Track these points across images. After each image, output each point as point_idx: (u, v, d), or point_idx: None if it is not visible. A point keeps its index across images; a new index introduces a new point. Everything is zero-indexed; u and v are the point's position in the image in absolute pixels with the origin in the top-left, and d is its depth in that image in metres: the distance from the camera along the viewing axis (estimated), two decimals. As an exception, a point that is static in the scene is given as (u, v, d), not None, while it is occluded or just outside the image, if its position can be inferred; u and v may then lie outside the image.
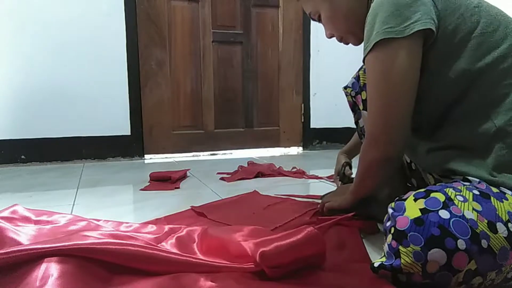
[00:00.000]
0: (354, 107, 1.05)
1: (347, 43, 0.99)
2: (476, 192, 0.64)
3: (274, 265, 0.67)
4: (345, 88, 1.06)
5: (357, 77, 1.03)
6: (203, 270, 0.69)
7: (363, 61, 0.80)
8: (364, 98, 1.00)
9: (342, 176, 1.24)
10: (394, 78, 0.74)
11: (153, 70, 2.32)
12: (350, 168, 1.27)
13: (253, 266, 0.69)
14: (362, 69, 1.02)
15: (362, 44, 0.99)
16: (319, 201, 1.21)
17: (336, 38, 0.99)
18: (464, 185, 0.67)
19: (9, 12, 2.01)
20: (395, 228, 0.61)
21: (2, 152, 2.05)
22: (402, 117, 0.75)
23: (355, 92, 1.03)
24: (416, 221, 0.59)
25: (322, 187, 1.51)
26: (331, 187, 1.51)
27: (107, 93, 2.20)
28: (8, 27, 2.02)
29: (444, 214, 0.59)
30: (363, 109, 1.01)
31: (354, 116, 1.10)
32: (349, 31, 0.95)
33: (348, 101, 1.06)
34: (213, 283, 0.64)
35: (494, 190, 0.66)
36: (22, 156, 2.08)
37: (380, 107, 0.76)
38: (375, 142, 0.79)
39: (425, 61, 0.75)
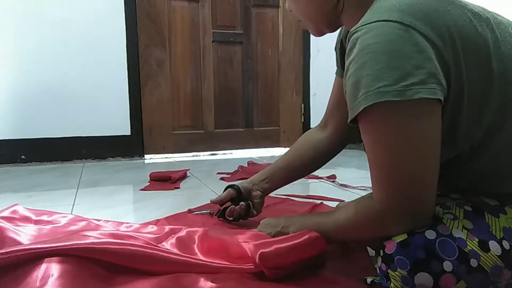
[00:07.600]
0: None
1: (305, 29, 0.81)
2: (468, 208, 0.61)
3: (273, 266, 0.67)
4: None
5: None
6: (203, 270, 0.69)
7: (349, 122, 0.60)
8: None
9: (221, 214, 1.03)
10: (402, 153, 0.57)
11: (153, 70, 2.32)
12: (248, 212, 1.00)
13: (252, 267, 0.69)
14: None
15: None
16: (319, 201, 1.19)
17: (295, 18, 0.81)
18: (454, 200, 0.64)
19: (9, 13, 2.01)
20: (384, 252, 0.60)
21: (2, 152, 2.04)
22: (421, 198, 0.58)
23: None
24: (402, 244, 0.58)
25: (322, 187, 1.51)
26: (331, 187, 1.51)
27: (107, 93, 2.20)
28: (8, 28, 2.02)
29: (430, 234, 0.58)
30: None
31: None
32: (309, 18, 0.77)
33: None
34: (213, 284, 0.64)
35: (492, 203, 0.63)
36: (22, 156, 2.08)
37: (386, 189, 0.59)
38: (385, 223, 0.61)
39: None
